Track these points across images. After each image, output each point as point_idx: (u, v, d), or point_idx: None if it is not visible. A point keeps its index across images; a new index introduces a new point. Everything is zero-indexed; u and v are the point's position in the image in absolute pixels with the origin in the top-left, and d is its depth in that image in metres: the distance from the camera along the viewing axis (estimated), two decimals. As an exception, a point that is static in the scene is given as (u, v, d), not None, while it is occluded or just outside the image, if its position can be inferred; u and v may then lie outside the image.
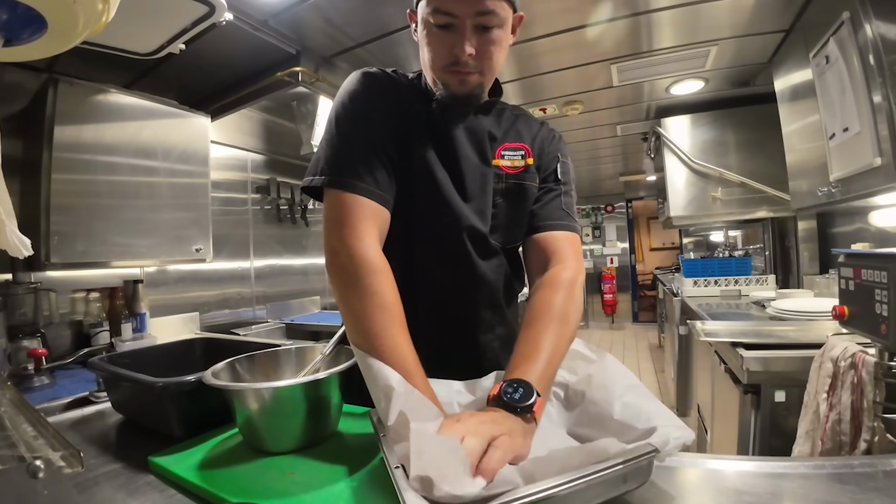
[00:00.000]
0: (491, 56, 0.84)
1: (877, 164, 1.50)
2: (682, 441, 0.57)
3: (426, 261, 0.91)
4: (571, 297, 0.83)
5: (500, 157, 0.95)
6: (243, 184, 2.80)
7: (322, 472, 0.69)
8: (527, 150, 0.97)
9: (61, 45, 0.88)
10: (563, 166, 0.99)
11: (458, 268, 0.91)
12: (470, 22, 0.79)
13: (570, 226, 0.95)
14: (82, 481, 0.71)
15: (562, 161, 0.99)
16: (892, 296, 1.01)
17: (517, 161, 0.95)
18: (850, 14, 1.55)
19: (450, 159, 0.90)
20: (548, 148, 1.00)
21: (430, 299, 0.92)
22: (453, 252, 0.90)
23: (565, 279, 0.85)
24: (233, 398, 0.76)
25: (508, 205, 0.95)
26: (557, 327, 0.77)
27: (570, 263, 0.89)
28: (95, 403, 1.12)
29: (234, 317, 2.68)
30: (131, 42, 1.53)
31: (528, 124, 1.01)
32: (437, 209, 0.88)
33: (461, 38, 0.80)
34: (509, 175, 0.95)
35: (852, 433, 1.14)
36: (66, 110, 1.66)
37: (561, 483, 0.47)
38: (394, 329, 0.72)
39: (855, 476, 0.59)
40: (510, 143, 0.96)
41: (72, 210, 1.67)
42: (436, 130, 0.91)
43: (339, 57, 2.24)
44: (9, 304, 1.59)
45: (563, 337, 0.76)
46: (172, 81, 2.14)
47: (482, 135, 0.94)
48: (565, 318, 0.79)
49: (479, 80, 0.87)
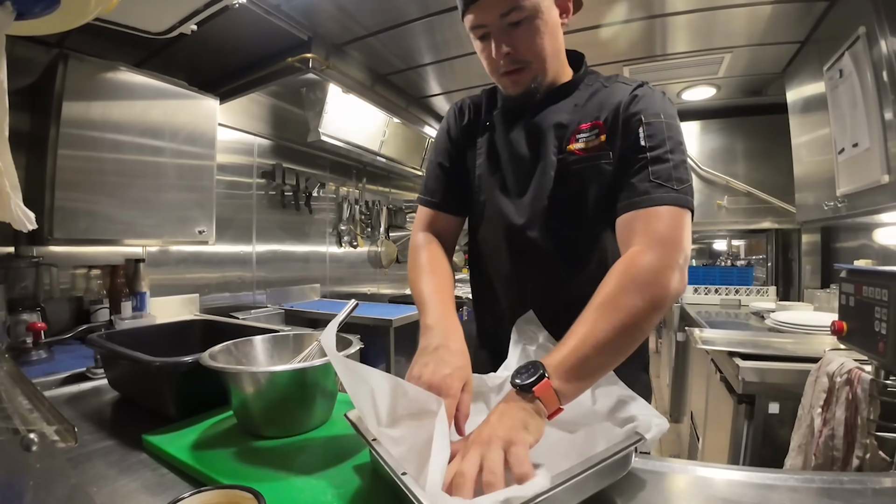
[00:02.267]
0: (531, 47, 0.84)
1: (884, 182, 1.49)
2: (662, 429, 0.60)
3: (478, 251, 1.05)
4: (626, 282, 0.69)
5: (575, 142, 0.88)
6: (249, 168, 2.80)
7: (314, 458, 0.69)
8: (601, 126, 0.87)
9: (73, 21, 0.87)
10: (650, 128, 0.82)
11: (500, 261, 0.98)
12: (498, 25, 0.82)
13: (654, 198, 0.77)
14: (75, 456, 0.71)
15: (646, 123, 0.82)
16: (892, 314, 1.00)
17: (591, 141, 0.87)
18: (867, 29, 1.54)
19: (501, 161, 0.97)
20: (625, 113, 0.85)
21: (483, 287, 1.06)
22: (496, 246, 0.98)
23: (621, 265, 0.72)
24: (229, 381, 0.77)
25: (579, 192, 0.88)
26: (597, 313, 0.67)
27: (638, 246, 0.74)
28: (92, 380, 1.13)
29: (233, 300, 2.68)
30: (143, 21, 1.53)
31: (612, 94, 0.88)
32: (485, 208, 1.00)
33: (494, 44, 0.85)
34: (579, 160, 0.87)
35: (845, 449, 1.14)
36: (75, 86, 1.65)
37: (556, 486, 0.47)
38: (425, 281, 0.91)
39: (844, 492, 0.59)
40: (586, 122, 0.88)
41: (77, 186, 1.67)
42: (494, 136, 0.99)
43: (350, 45, 2.23)
44: (10, 277, 1.60)
45: (605, 322, 0.66)
46: (182, 62, 2.14)
47: (544, 129, 0.90)
48: (612, 304, 0.67)
49: (530, 75, 0.87)
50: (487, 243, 1.01)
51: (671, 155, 0.79)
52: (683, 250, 0.73)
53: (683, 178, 0.78)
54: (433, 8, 1.91)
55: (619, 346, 0.67)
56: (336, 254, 3.55)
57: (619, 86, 0.89)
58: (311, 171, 3.22)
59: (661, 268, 0.70)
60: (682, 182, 0.77)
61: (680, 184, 0.77)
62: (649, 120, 0.82)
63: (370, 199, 3.91)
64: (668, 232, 0.74)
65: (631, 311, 0.67)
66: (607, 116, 0.86)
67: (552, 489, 0.47)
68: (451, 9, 1.88)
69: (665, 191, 0.77)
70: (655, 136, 0.81)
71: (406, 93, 2.89)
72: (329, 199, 3.47)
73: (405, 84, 2.76)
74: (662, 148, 0.80)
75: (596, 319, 0.67)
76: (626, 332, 0.67)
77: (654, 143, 0.80)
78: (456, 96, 2.96)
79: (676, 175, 0.77)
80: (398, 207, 4.33)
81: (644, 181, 0.78)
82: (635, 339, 0.69)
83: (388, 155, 3.24)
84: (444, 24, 2.03)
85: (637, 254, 0.72)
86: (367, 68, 2.46)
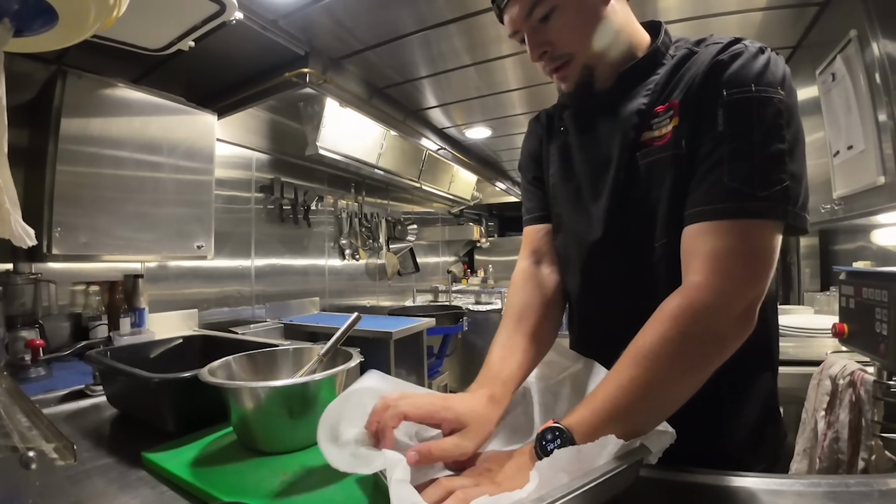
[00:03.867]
0: (568, 38, 0.73)
1: (880, 183, 1.50)
2: (668, 440, 0.57)
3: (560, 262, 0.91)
4: (672, 331, 0.57)
5: (650, 129, 0.72)
6: (247, 182, 2.81)
7: (314, 475, 0.69)
8: (675, 107, 0.69)
9: (72, 38, 0.88)
10: (732, 107, 0.62)
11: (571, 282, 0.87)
12: (527, 26, 0.75)
13: (724, 209, 0.60)
14: (74, 474, 0.71)
15: (727, 100, 0.62)
16: (893, 315, 1.00)
17: (664, 127, 0.70)
18: (858, 32, 1.56)
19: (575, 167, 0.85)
20: (702, 85, 0.66)
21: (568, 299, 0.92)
22: (567, 265, 0.88)
23: (676, 305, 0.59)
24: (228, 396, 0.76)
25: (650, 190, 0.72)
26: (632, 368, 0.58)
27: (695, 277, 0.60)
28: (91, 397, 1.12)
29: (232, 315, 2.67)
30: (141, 37, 1.54)
31: (694, 64, 0.69)
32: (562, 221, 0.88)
33: (528, 46, 0.77)
34: (652, 150, 0.71)
35: (850, 452, 1.14)
36: (73, 102, 1.66)
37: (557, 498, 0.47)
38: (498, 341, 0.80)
39: (850, 495, 0.59)
40: (662, 104, 0.71)
41: (75, 202, 1.67)
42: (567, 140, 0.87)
43: (347, 59, 2.25)
44: (8, 293, 1.59)
45: (641, 379, 0.57)
46: (180, 78, 2.15)
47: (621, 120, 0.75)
48: (653, 356, 0.57)
49: (578, 67, 0.76)
50: (562, 260, 0.90)
51: (760, 146, 0.60)
52: (757, 283, 0.59)
53: (774, 177, 0.59)
54: (429, 22, 1.92)
55: (653, 408, 0.58)
56: (335, 267, 3.55)
57: (709, 48, 0.69)
58: (309, 185, 3.23)
59: (720, 315, 0.58)
60: (772, 185, 0.59)
61: (766, 187, 0.59)
62: (732, 95, 0.62)
63: (369, 211, 3.92)
64: (736, 258, 0.59)
65: (681, 366, 0.57)
66: (684, 93, 0.68)
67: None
68: (447, 22, 1.91)
69: (741, 198, 0.59)
70: (739, 120, 0.62)
71: (403, 105, 2.91)
72: (328, 212, 3.48)
73: (402, 97, 2.78)
74: (747, 135, 0.61)
75: (629, 376, 0.57)
76: (666, 391, 0.57)
77: (736, 129, 0.62)
78: (452, 108, 2.98)
79: (762, 175, 0.59)
80: (397, 219, 4.34)
81: (716, 183, 0.61)
82: (676, 399, 0.58)
83: (386, 167, 3.26)
84: (440, 38, 2.05)
85: (692, 291, 0.59)
86: (364, 82, 2.48)
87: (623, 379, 0.58)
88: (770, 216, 0.59)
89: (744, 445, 0.74)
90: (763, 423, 0.77)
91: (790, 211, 0.59)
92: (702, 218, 0.62)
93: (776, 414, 0.81)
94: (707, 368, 0.58)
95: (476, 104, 2.90)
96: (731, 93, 0.63)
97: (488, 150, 4.10)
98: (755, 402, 0.76)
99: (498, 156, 4.31)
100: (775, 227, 0.60)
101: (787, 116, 0.61)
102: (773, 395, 0.80)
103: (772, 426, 0.79)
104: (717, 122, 0.63)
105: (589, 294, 0.84)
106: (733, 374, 0.65)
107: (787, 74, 0.64)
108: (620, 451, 0.54)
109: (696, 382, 0.59)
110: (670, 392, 0.58)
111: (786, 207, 0.59)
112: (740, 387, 0.75)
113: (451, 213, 5.63)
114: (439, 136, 3.44)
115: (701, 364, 0.58)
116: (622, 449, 0.54)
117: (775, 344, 0.81)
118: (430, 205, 5.14)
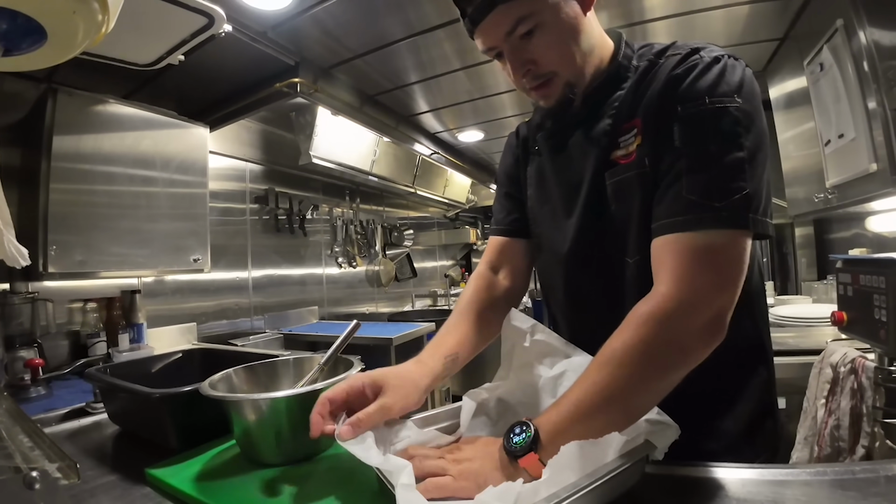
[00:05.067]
0: (552, 55, 0.72)
1: (872, 170, 1.51)
2: (673, 435, 0.58)
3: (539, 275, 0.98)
4: (638, 337, 0.59)
5: (618, 147, 0.72)
6: (241, 194, 2.80)
7: (320, 484, 0.68)
8: (638, 126, 0.70)
9: (61, 56, 0.88)
10: (688, 121, 0.63)
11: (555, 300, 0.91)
12: (508, 45, 0.72)
13: (686, 221, 0.61)
14: (78, 493, 0.70)
15: (681, 116, 0.64)
16: (891, 301, 1.01)
17: (630, 146, 0.71)
18: (844, 21, 1.57)
19: (550, 188, 0.87)
20: (660, 104, 0.67)
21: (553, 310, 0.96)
22: (550, 284, 0.92)
23: (641, 313, 0.60)
24: (230, 409, 0.76)
25: (619, 209, 0.73)
26: (599, 373, 0.59)
27: (661, 287, 0.61)
28: (92, 414, 1.12)
29: (231, 327, 2.66)
30: (131, 53, 1.54)
31: (654, 78, 0.70)
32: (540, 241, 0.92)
33: (510, 64, 0.74)
34: (619, 169, 0.72)
35: (851, 439, 1.14)
36: (65, 120, 1.66)
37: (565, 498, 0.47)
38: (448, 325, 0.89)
39: (857, 482, 0.59)
40: (627, 121, 0.72)
41: (70, 220, 1.67)
42: (542, 161, 0.89)
43: (337, 68, 2.25)
44: (6, 313, 1.58)
45: (608, 384, 0.58)
46: (171, 92, 2.15)
47: (592, 139, 0.76)
48: (620, 362, 0.58)
49: (561, 84, 0.74)
50: (546, 280, 0.93)
51: (715, 156, 0.61)
52: (722, 292, 0.59)
53: (733, 186, 0.59)
54: (417, 28, 1.93)
55: (618, 413, 0.58)
56: (333, 275, 3.54)
57: (669, 60, 0.69)
58: (303, 194, 3.23)
59: (681, 323, 0.58)
60: (731, 193, 0.59)
61: (725, 197, 0.59)
62: (687, 109, 0.63)
63: (364, 218, 3.92)
64: (700, 269, 0.59)
65: (642, 373, 0.58)
66: (646, 110, 0.69)
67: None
68: (435, 27, 1.92)
69: (702, 210, 0.60)
70: (694, 133, 0.63)
71: (395, 112, 2.92)
72: (323, 220, 3.47)
73: (393, 103, 2.79)
74: (702, 148, 0.62)
75: (594, 381, 0.59)
76: (629, 396, 0.58)
77: (691, 142, 0.63)
78: (444, 112, 2.99)
79: (719, 186, 0.60)
80: (393, 226, 4.34)
81: (677, 197, 0.62)
82: (642, 404, 0.59)
83: (380, 174, 3.26)
84: (429, 43, 2.06)
85: (655, 300, 0.60)
86: (355, 90, 2.48)
87: (587, 383, 0.59)
88: (731, 225, 0.60)
89: (743, 438, 0.75)
90: (761, 415, 0.78)
91: (751, 218, 0.60)
92: (665, 231, 0.63)
93: (773, 406, 0.82)
94: (671, 376, 0.59)
95: (467, 108, 2.91)
96: (685, 107, 0.64)
97: (481, 152, 4.11)
98: (751, 396, 0.77)
99: (491, 158, 4.32)
100: (739, 235, 0.61)
101: (745, 123, 0.61)
102: (769, 389, 0.80)
103: (770, 418, 0.80)
104: (673, 137, 0.64)
105: (574, 311, 0.86)
106: (728, 369, 0.67)
107: (745, 80, 0.64)
108: (625, 447, 0.54)
109: (660, 389, 0.59)
110: (633, 398, 0.59)
111: (746, 215, 0.60)
112: (736, 382, 0.76)
113: (447, 217, 5.63)
114: (432, 141, 3.45)
115: (664, 371, 0.59)
116: (626, 446, 0.54)
117: (767, 337, 0.82)
118: (426, 209, 5.14)
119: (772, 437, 0.79)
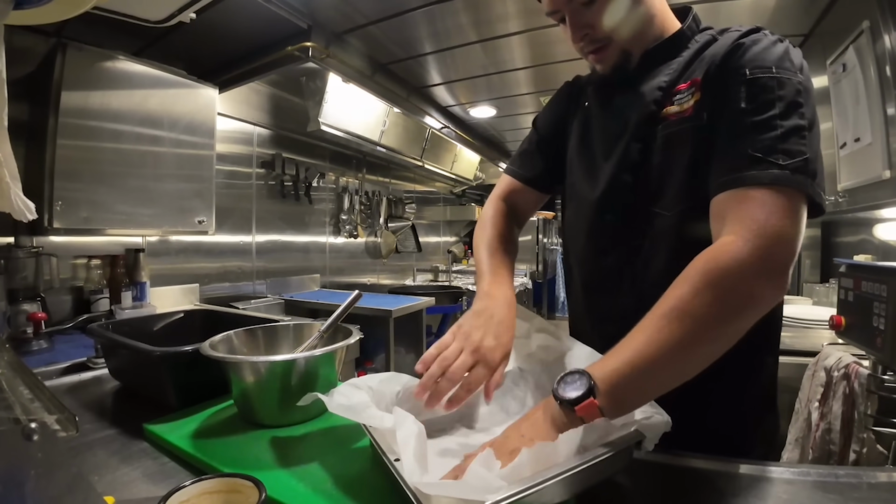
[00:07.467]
0: (610, 21, 0.75)
1: (885, 177, 1.49)
2: (664, 428, 0.58)
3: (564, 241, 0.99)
4: (702, 284, 0.57)
5: (671, 105, 0.75)
6: (248, 158, 2.79)
7: (314, 446, 0.70)
8: (697, 84, 0.72)
9: (72, 10, 0.86)
10: (754, 85, 0.65)
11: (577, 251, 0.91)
12: (570, 9, 0.76)
13: (750, 176, 0.61)
14: (77, 445, 0.72)
15: (750, 78, 0.65)
16: (891, 310, 1.01)
17: (686, 102, 0.73)
18: (870, 23, 1.53)
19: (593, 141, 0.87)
20: (726, 66, 0.69)
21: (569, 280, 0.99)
22: (574, 234, 0.91)
23: (701, 261, 0.59)
24: (229, 370, 0.77)
25: (664, 160, 0.74)
26: (660, 322, 0.57)
27: (730, 237, 0.59)
28: (93, 369, 1.13)
29: (233, 290, 2.69)
30: (142, 9, 1.51)
31: (717, 47, 0.73)
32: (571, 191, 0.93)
33: (570, 27, 0.78)
34: (669, 124, 0.74)
35: (842, 443, 1.15)
36: (73, 76, 1.64)
37: (546, 479, 0.47)
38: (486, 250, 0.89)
39: (839, 486, 0.60)
40: (685, 82, 0.74)
41: (76, 176, 1.66)
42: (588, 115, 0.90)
43: (350, 34, 2.21)
44: (10, 267, 1.60)
45: (670, 334, 0.56)
46: (181, 51, 2.12)
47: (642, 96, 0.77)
48: (681, 312, 0.56)
49: (616, 50, 0.78)
50: (570, 230, 0.93)
51: (781, 120, 0.62)
52: (786, 245, 0.58)
53: (794, 149, 0.60)
54: (434, -3, 1.89)
55: (683, 365, 0.57)
56: (336, 244, 3.55)
57: (729, 34, 0.73)
58: (310, 161, 3.21)
59: (751, 269, 0.57)
60: (793, 155, 0.60)
61: (788, 157, 0.60)
62: (755, 74, 0.65)
63: (370, 189, 3.91)
64: (765, 220, 0.58)
65: (705, 322, 0.56)
66: (705, 72, 0.71)
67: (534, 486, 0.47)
68: (453, -2, 1.87)
69: (765, 166, 0.60)
70: (760, 96, 0.64)
71: (407, 82, 2.87)
72: (329, 189, 3.46)
73: (406, 73, 2.74)
74: (769, 111, 0.63)
75: (659, 329, 0.56)
76: (694, 348, 0.57)
77: (757, 104, 0.64)
78: (457, 86, 2.94)
79: (784, 146, 0.61)
80: (398, 198, 4.32)
81: (741, 155, 0.63)
82: (706, 357, 0.58)
83: (388, 145, 3.23)
84: (446, 13, 2.01)
85: (723, 248, 0.59)
86: (368, 57, 2.44)
87: (652, 333, 0.57)
88: (793, 186, 0.60)
89: (743, 428, 0.77)
90: (764, 408, 0.80)
91: (810, 184, 0.60)
92: (729, 186, 0.63)
93: (774, 402, 0.83)
94: (741, 323, 0.58)
95: (481, 82, 2.86)
96: (752, 71, 0.65)
97: (492, 129, 4.06)
98: (757, 386, 0.79)
99: (502, 136, 4.27)
100: (799, 198, 0.60)
101: (805, 97, 0.64)
102: (772, 383, 0.82)
103: (770, 413, 0.82)
104: (739, 98, 0.65)
105: (592, 254, 0.86)
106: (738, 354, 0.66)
107: (804, 64, 0.67)
108: (616, 434, 0.55)
109: (728, 340, 0.58)
110: (704, 348, 0.58)
111: (806, 179, 0.60)
112: (745, 368, 0.76)
113: (454, 193, 5.61)
114: (443, 115, 3.40)
115: (735, 319, 0.57)
116: (618, 431, 0.55)
117: (779, 329, 0.84)
118: (433, 184, 5.12)
119: (770, 432, 0.82)
